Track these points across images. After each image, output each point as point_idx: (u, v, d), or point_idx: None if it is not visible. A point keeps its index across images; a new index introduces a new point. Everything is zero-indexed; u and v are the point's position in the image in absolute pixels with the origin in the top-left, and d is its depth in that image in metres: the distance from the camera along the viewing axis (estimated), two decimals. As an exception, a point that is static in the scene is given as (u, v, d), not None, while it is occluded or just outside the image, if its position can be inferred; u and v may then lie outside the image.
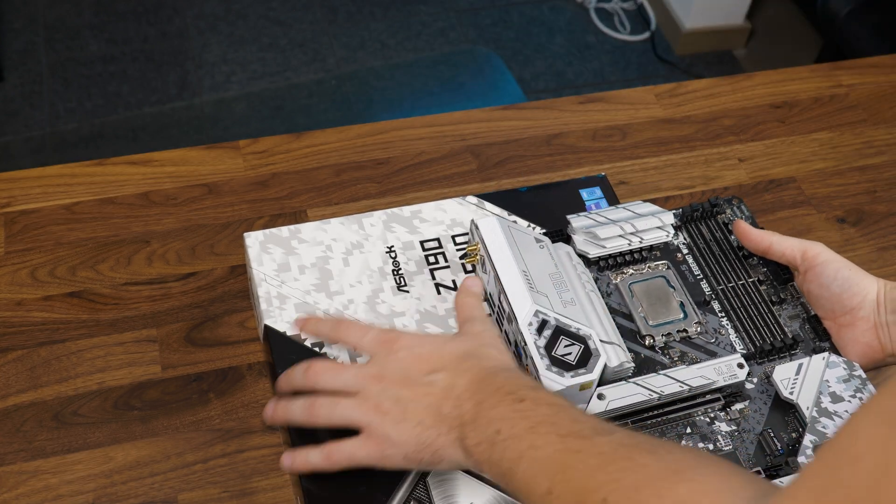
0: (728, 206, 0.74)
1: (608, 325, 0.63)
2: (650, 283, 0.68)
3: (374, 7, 2.40)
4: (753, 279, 0.69)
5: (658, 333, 0.66)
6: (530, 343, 0.59)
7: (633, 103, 0.99)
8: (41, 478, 0.67)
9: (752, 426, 0.62)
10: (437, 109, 1.61)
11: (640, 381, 0.60)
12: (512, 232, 0.66)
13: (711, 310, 0.68)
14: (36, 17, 2.26)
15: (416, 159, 0.91)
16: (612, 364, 0.60)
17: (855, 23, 1.77)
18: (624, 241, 0.68)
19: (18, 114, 2.05)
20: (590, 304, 0.64)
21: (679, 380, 0.61)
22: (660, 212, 0.70)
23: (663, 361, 0.65)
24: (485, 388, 0.53)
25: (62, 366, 0.73)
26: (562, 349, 0.59)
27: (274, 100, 1.86)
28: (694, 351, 0.65)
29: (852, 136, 0.98)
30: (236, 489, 0.67)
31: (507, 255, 0.64)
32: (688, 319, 0.67)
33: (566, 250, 0.68)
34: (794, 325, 0.67)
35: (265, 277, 0.68)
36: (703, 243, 0.71)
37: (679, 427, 0.62)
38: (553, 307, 0.61)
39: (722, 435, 0.61)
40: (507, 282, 0.62)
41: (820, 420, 0.60)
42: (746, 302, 0.68)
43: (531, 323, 0.60)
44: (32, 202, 0.84)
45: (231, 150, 0.90)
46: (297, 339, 0.65)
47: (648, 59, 2.38)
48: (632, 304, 0.67)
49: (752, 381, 0.64)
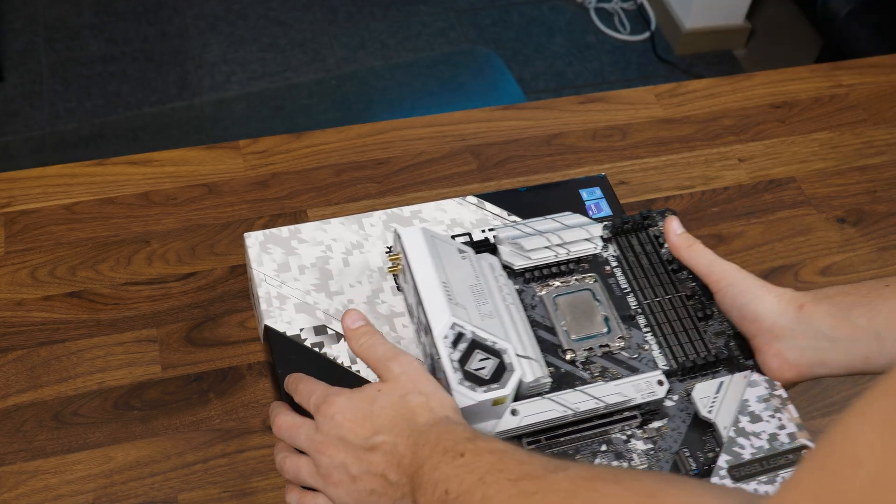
0: (661, 219, 0.72)
1: (527, 339, 0.62)
2: (575, 296, 0.67)
3: (374, 7, 2.40)
4: (681, 294, 0.68)
5: (580, 348, 0.64)
6: (444, 357, 0.58)
7: (633, 103, 0.99)
8: (41, 478, 0.67)
9: (669, 445, 0.61)
10: (437, 109, 1.61)
11: (555, 398, 0.59)
12: (435, 242, 0.64)
13: (636, 325, 0.66)
14: (36, 17, 2.26)
15: (416, 159, 0.91)
16: (527, 379, 0.59)
17: (855, 23, 1.77)
18: (550, 253, 0.67)
19: (18, 114, 2.05)
20: (509, 317, 0.62)
21: (595, 396, 0.59)
22: (588, 224, 0.68)
23: (583, 377, 0.63)
24: (422, 450, 0.51)
25: (62, 366, 0.73)
26: (476, 363, 0.58)
27: (274, 100, 1.86)
28: (615, 366, 0.64)
29: (852, 136, 0.98)
30: (236, 489, 0.67)
31: (427, 265, 0.62)
32: (611, 334, 0.65)
33: (490, 261, 0.66)
34: (719, 341, 0.66)
35: (265, 277, 0.68)
36: (633, 256, 0.70)
37: (594, 444, 0.60)
38: (471, 320, 0.60)
39: (637, 453, 0.60)
40: (425, 293, 0.61)
41: (737, 440, 0.59)
42: (672, 317, 0.66)
43: (447, 336, 0.59)
44: (32, 202, 0.84)
45: (231, 150, 0.90)
46: (297, 339, 0.65)
47: (648, 59, 2.38)
48: (555, 318, 0.65)
49: (672, 399, 0.63)
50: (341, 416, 0.54)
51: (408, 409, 0.53)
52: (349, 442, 0.53)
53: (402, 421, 0.53)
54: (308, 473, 0.55)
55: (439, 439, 0.51)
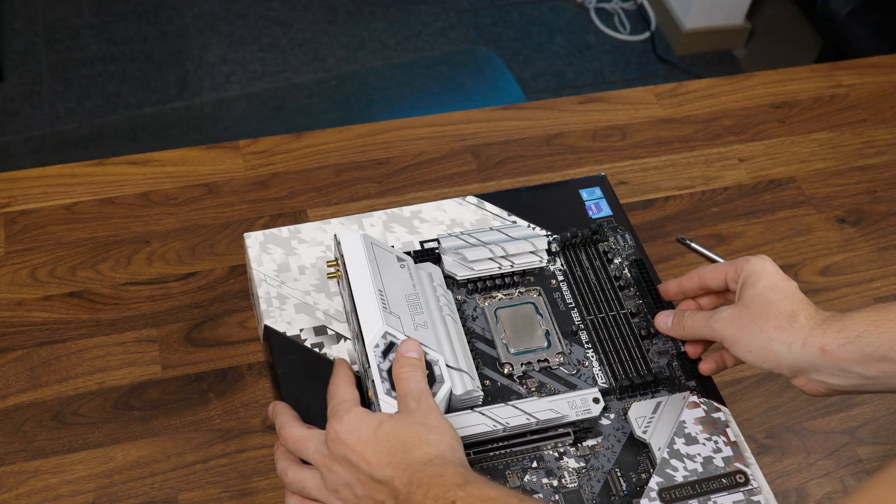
0: (612, 234, 0.71)
1: (460, 351, 0.61)
2: (517, 309, 0.66)
3: (374, 7, 2.40)
4: (626, 311, 0.67)
5: (518, 362, 0.63)
6: (373, 366, 0.57)
7: (633, 103, 0.99)
8: (41, 478, 0.67)
9: (602, 464, 0.60)
10: (437, 109, 1.62)
11: (486, 411, 0.58)
12: (373, 249, 0.64)
13: (578, 340, 0.66)
14: (36, 17, 2.26)
15: (416, 159, 0.91)
16: (457, 392, 0.58)
17: (855, 23, 1.77)
18: (494, 265, 0.66)
19: (18, 114, 2.05)
20: (444, 328, 0.62)
21: (527, 412, 0.58)
22: (534, 236, 0.68)
23: (519, 391, 0.62)
24: (416, 494, 0.51)
25: (62, 366, 0.73)
26: None
27: (274, 100, 1.86)
28: (553, 382, 0.63)
29: (852, 136, 0.98)
30: (236, 489, 0.67)
31: (364, 272, 0.62)
32: (551, 349, 0.64)
33: (429, 271, 0.66)
34: (661, 361, 0.65)
35: (265, 277, 0.68)
36: (580, 271, 0.69)
37: (524, 461, 0.59)
38: (404, 329, 0.59)
39: (569, 471, 0.59)
40: (359, 301, 0.60)
41: (670, 462, 0.58)
42: (615, 334, 0.66)
43: (378, 345, 0.58)
44: (32, 202, 0.84)
45: (231, 150, 0.90)
46: (297, 339, 0.65)
47: (648, 59, 2.38)
48: (495, 330, 0.65)
49: (608, 417, 0.62)
50: (346, 435, 0.54)
51: (407, 441, 0.53)
52: (354, 465, 0.53)
53: (401, 452, 0.53)
54: (314, 487, 0.56)
55: (431, 484, 0.51)
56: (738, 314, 0.58)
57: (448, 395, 0.58)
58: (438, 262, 0.68)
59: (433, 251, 0.69)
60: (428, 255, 0.68)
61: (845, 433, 0.75)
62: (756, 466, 0.62)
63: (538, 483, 0.59)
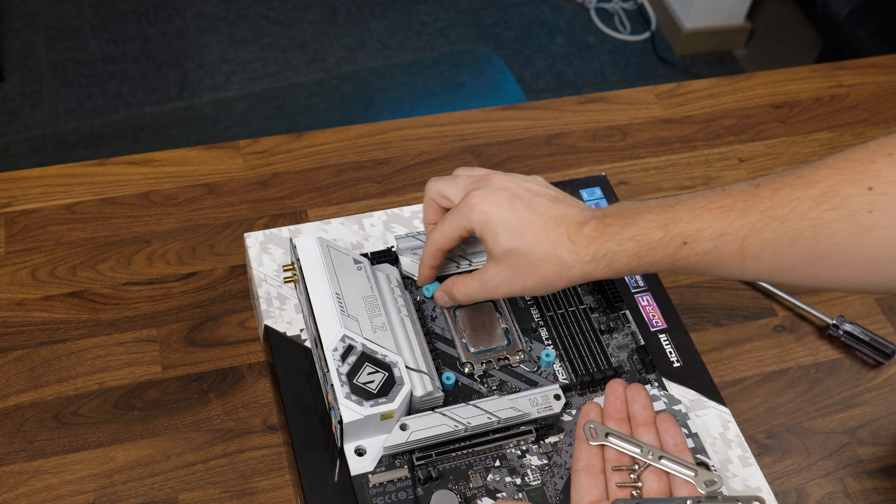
0: None
1: (419, 352, 0.61)
2: (476, 308, 0.66)
3: (374, 7, 2.40)
4: (585, 306, 0.67)
5: (478, 361, 0.63)
6: (332, 370, 0.57)
7: (633, 103, 0.99)
8: (41, 478, 0.67)
9: (565, 460, 0.60)
10: (437, 109, 1.62)
11: (447, 412, 0.58)
12: (329, 252, 0.64)
13: (538, 337, 0.66)
14: (36, 17, 2.27)
15: (417, 159, 0.91)
16: (417, 393, 0.58)
17: (855, 23, 1.77)
18: (452, 264, 0.66)
19: (18, 114, 2.05)
20: (403, 329, 0.62)
21: (488, 411, 0.58)
22: None
23: (480, 390, 0.62)
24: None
25: (62, 366, 0.73)
26: (364, 377, 0.57)
27: (274, 100, 1.86)
28: (514, 380, 0.63)
29: (852, 136, 0.98)
30: (236, 489, 0.67)
31: (320, 276, 0.62)
32: (511, 347, 0.64)
33: (387, 272, 0.66)
34: (621, 355, 0.65)
35: (265, 277, 0.68)
36: None
37: (487, 460, 0.59)
38: (362, 332, 0.59)
39: (532, 469, 0.59)
40: (316, 304, 0.60)
41: None
42: (575, 330, 0.66)
43: (336, 348, 0.58)
44: (33, 202, 0.84)
45: (231, 150, 0.90)
46: (297, 339, 0.65)
47: (648, 59, 2.38)
48: (455, 330, 0.65)
49: (570, 414, 0.62)
50: None
51: None
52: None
53: None
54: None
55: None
56: (510, 277, 0.57)
57: (408, 396, 0.58)
58: (396, 262, 0.68)
59: (390, 251, 0.69)
60: (385, 256, 0.68)
61: (845, 433, 0.75)
62: (756, 467, 0.62)
63: (501, 482, 0.59)
